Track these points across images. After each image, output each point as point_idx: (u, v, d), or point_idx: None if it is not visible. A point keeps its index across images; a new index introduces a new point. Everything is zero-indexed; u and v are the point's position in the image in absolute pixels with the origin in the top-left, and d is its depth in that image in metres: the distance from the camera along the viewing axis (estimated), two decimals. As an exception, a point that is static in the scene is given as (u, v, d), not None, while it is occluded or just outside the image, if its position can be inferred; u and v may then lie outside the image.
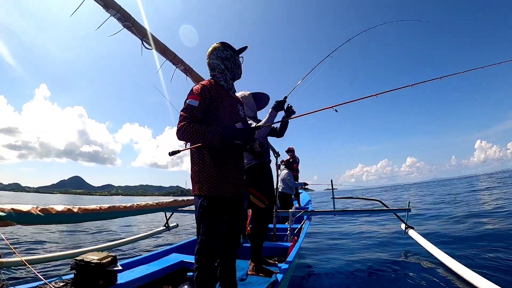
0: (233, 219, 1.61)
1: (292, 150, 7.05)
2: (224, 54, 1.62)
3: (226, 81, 1.64)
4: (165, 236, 5.97)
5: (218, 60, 1.62)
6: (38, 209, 2.01)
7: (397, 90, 1.89)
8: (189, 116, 1.43)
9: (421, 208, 9.41)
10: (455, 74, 2.31)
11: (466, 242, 4.16)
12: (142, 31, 2.21)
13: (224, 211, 1.51)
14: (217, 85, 1.59)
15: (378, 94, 1.82)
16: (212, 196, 1.48)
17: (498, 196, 10.44)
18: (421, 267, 3.28)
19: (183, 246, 3.03)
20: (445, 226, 5.60)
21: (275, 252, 3.05)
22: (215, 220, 1.48)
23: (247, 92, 2.51)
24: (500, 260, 3.19)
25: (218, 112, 1.53)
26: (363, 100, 1.81)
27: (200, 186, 1.50)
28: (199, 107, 1.46)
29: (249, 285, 2.02)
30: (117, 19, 2.06)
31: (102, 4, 1.95)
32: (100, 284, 1.71)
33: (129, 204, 2.84)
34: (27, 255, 3.71)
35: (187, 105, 1.47)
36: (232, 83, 1.69)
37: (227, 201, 1.52)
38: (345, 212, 4.86)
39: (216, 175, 1.49)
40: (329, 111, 1.71)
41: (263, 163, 2.49)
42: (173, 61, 2.52)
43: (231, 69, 1.64)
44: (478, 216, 6.33)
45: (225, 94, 1.60)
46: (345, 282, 2.97)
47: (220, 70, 1.63)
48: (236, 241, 1.70)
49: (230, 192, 1.52)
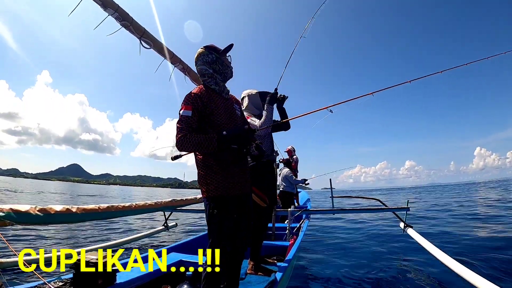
0: (240, 218, 1.62)
1: (291, 150, 7.06)
2: (209, 58, 1.62)
3: (217, 84, 1.64)
4: (164, 235, 5.97)
5: (205, 65, 1.63)
6: (37, 209, 2.01)
7: (395, 88, 1.89)
8: (185, 127, 1.46)
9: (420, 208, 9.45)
10: (458, 66, 2.29)
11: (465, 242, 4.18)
12: (141, 30, 2.20)
13: (231, 210, 1.54)
14: (208, 90, 1.61)
15: (374, 93, 1.82)
16: (218, 196, 1.52)
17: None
18: (420, 266, 3.30)
19: (182, 246, 3.03)
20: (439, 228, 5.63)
21: (274, 251, 3.06)
22: (223, 219, 1.51)
23: (254, 91, 2.54)
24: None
25: (214, 117, 1.55)
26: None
27: (207, 188, 1.54)
28: (193, 116, 1.48)
29: (248, 284, 2.02)
30: (115, 18, 2.05)
31: (100, 3, 1.95)
32: (99, 283, 1.72)
33: (127, 203, 2.84)
34: (27, 255, 3.70)
35: (181, 116, 1.49)
36: (224, 85, 1.70)
37: (233, 200, 1.55)
38: (344, 211, 4.87)
39: (221, 177, 1.53)
40: (324, 113, 1.71)
41: (266, 162, 2.50)
42: (171, 60, 2.52)
43: (219, 71, 1.64)
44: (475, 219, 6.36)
45: (217, 98, 1.62)
46: (344, 281, 2.98)
47: (209, 75, 1.63)
48: (242, 240, 1.68)
49: (235, 190, 1.56)
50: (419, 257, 3.64)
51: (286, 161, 6.57)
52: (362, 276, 3.12)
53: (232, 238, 1.56)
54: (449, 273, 2.83)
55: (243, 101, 2.53)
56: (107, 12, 1.99)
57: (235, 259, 1.67)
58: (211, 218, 1.53)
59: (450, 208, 8.86)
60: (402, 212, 4.08)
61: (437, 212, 8.07)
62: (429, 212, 8.16)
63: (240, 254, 1.70)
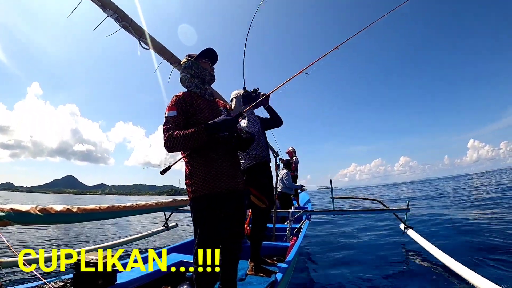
0: (230, 215, 1.60)
1: (291, 151, 7.06)
2: (187, 65, 1.72)
3: (197, 86, 1.71)
4: (165, 235, 5.98)
5: (184, 71, 1.74)
6: (37, 209, 2.00)
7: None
8: (172, 126, 1.49)
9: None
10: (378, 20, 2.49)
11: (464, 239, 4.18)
12: (140, 31, 2.20)
13: (217, 208, 1.50)
14: (190, 93, 1.68)
15: (339, 46, 2.20)
16: (202, 196, 1.49)
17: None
18: (420, 267, 3.29)
19: (182, 246, 3.04)
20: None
21: (274, 252, 3.06)
22: (209, 218, 1.49)
23: (242, 91, 2.50)
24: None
25: (197, 117, 1.58)
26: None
27: (192, 189, 1.52)
28: (178, 115, 1.53)
29: (248, 285, 2.02)
30: (114, 19, 2.05)
31: (99, 4, 1.95)
32: (99, 284, 1.72)
33: (128, 204, 2.84)
34: (27, 255, 3.71)
35: (166, 117, 1.53)
36: (205, 87, 1.74)
37: (221, 197, 1.52)
38: (344, 212, 4.87)
39: (207, 174, 1.51)
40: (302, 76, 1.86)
41: (262, 163, 2.50)
42: (170, 60, 2.52)
43: (196, 74, 1.71)
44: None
45: (200, 99, 1.67)
46: (344, 282, 2.97)
47: (188, 79, 1.72)
48: (233, 238, 1.68)
49: (223, 187, 1.53)
50: (420, 257, 3.64)
51: (285, 162, 6.57)
52: (362, 276, 3.11)
53: (217, 239, 1.53)
54: (450, 273, 2.83)
55: (232, 102, 2.49)
56: (106, 13, 1.99)
57: (228, 258, 1.67)
58: (195, 219, 1.52)
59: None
60: (403, 213, 4.08)
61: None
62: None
63: (233, 253, 1.69)
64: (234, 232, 1.69)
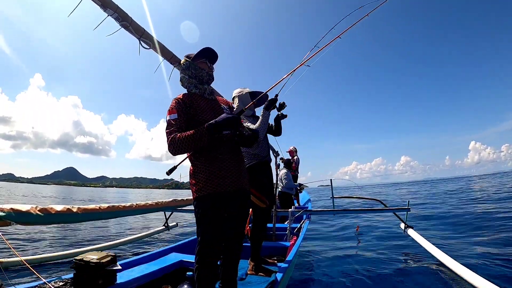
0: (234, 214, 1.60)
1: (292, 151, 7.05)
2: (185, 66, 1.71)
3: (196, 87, 1.70)
4: (165, 235, 5.98)
5: (183, 72, 1.73)
6: (37, 209, 2.01)
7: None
8: (174, 129, 1.48)
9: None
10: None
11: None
12: (140, 31, 2.20)
13: (221, 208, 1.49)
14: (189, 94, 1.68)
15: (341, 34, 2.16)
16: (206, 195, 1.48)
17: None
18: (420, 267, 3.29)
19: (183, 246, 3.03)
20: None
21: (274, 251, 3.06)
22: (212, 218, 1.48)
23: (245, 90, 2.49)
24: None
25: (198, 116, 1.57)
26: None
27: (196, 188, 1.52)
28: (179, 117, 1.52)
29: (248, 284, 2.02)
30: (115, 18, 2.05)
31: (99, 4, 1.95)
32: (99, 283, 1.72)
33: (128, 203, 2.85)
34: (27, 255, 3.71)
35: (168, 121, 1.53)
36: (204, 87, 1.72)
37: (225, 196, 1.51)
38: (345, 212, 4.87)
39: (211, 173, 1.50)
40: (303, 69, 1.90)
41: (263, 163, 2.50)
42: (171, 60, 2.52)
43: (194, 75, 1.70)
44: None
45: (200, 99, 1.66)
46: (344, 282, 2.97)
47: (186, 81, 1.72)
48: (235, 238, 1.68)
49: (228, 186, 1.52)
50: (420, 257, 3.64)
51: (286, 161, 6.57)
52: (362, 276, 3.11)
53: (221, 239, 1.52)
54: (450, 273, 2.83)
55: (234, 101, 2.48)
56: (106, 13, 1.99)
57: (230, 258, 1.67)
58: (199, 219, 1.52)
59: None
60: (403, 212, 4.08)
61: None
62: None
63: (235, 253, 1.69)
64: (239, 232, 1.69)
